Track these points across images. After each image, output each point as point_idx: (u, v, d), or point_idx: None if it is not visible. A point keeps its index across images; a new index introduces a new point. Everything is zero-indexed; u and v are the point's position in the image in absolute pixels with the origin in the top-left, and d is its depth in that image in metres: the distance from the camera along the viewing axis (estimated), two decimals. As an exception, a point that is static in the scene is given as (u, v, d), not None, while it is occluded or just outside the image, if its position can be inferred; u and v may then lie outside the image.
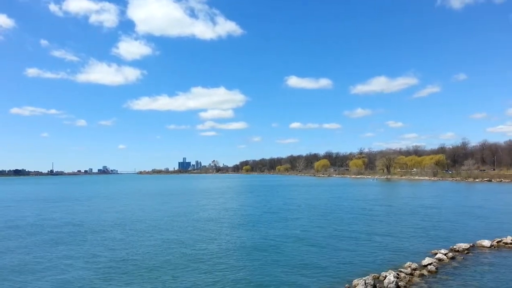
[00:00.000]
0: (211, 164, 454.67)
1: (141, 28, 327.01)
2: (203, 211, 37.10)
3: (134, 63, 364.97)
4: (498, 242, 19.50)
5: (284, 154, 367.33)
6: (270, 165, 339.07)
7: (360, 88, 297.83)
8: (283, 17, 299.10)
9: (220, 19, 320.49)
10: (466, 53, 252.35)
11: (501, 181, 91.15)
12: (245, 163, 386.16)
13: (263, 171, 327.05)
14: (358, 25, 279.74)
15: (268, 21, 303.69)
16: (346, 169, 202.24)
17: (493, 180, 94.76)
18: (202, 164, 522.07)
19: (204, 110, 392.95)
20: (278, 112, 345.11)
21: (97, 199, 56.43)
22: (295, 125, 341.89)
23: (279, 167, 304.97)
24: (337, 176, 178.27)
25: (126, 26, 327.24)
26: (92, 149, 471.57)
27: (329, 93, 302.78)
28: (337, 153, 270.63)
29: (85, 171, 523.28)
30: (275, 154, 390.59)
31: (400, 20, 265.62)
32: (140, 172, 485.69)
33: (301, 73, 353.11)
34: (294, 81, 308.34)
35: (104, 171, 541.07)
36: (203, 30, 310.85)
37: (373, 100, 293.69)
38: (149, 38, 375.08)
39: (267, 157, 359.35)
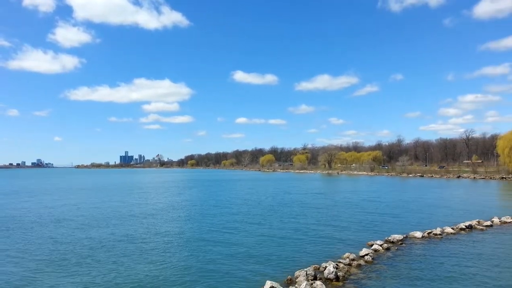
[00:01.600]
0: (155, 158, 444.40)
1: (79, 14, 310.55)
2: (144, 206, 36.02)
3: (72, 51, 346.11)
4: (428, 233, 20.81)
5: (230, 148, 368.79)
6: (215, 160, 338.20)
7: (305, 85, 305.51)
8: (231, 12, 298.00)
9: (166, 9, 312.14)
10: (403, 54, 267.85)
11: (432, 176, 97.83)
12: (191, 157, 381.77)
13: (208, 166, 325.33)
14: (304, 24, 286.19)
15: (216, 15, 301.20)
16: (290, 164, 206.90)
17: (424, 175, 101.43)
18: (146, 158, 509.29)
19: (148, 102, 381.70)
20: (224, 106, 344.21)
21: (23, 194, 52.76)
22: (241, 120, 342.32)
23: (224, 161, 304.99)
24: (281, 171, 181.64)
25: (64, 12, 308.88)
26: (26, 141, 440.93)
27: (274, 89, 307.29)
28: (282, 149, 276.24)
29: (18, 164, 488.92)
30: (220, 149, 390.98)
31: (343, 21, 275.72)
32: (78, 166, 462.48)
33: (247, 68, 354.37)
34: (240, 76, 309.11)
35: (38, 165, 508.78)
36: (147, 19, 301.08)
37: (316, 97, 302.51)
38: (89, 25, 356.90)
39: (213, 151, 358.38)
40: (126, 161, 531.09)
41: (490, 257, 16.47)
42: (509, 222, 24.56)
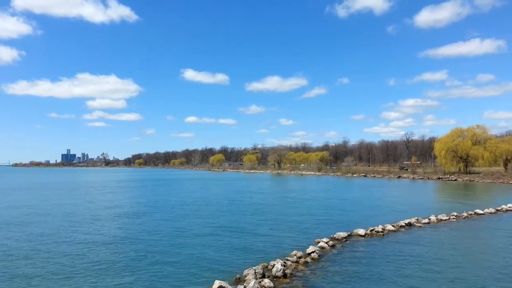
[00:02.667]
0: (100, 157, 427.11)
1: (18, 3, 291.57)
2: (84, 208, 34.47)
3: (11, 42, 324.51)
4: (371, 230, 21.72)
5: (179, 148, 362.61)
6: (164, 159, 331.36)
7: (255, 86, 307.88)
8: (182, 9, 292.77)
9: (113, 2, 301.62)
10: (349, 59, 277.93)
11: (375, 176, 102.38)
12: (138, 156, 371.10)
13: (157, 165, 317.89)
14: (255, 25, 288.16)
15: (166, 11, 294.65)
16: (241, 164, 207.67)
17: (368, 175, 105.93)
18: (90, 157, 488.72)
19: (92, 98, 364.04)
20: (173, 105, 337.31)
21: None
22: (191, 119, 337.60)
23: (174, 161, 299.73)
24: (231, 170, 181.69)
25: (0, 0, 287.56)
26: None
27: (225, 88, 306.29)
28: (232, 148, 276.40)
29: None
30: (170, 148, 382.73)
31: (293, 24, 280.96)
32: (16, 164, 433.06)
33: (198, 66, 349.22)
34: (190, 74, 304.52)
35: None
36: (92, 12, 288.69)
37: (267, 98, 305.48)
38: (29, 16, 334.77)
39: (162, 150, 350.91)
40: (68, 159, 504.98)
41: (427, 252, 17.51)
42: (445, 220, 26.24)
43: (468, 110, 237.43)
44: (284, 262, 14.61)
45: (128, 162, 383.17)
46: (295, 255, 15.99)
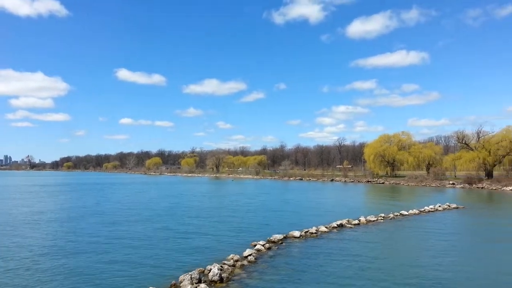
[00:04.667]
0: (24, 160, 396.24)
1: None
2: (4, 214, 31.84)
3: None
4: (305, 232, 22.42)
5: (113, 151, 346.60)
6: (96, 162, 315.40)
7: (193, 88, 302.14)
8: (116, 6, 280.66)
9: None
10: (286, 65, 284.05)
11: (310, 179, 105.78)
12: (67, 159, 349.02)
13: (88, 169, 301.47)
14: (193, 27, 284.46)
15: (98, 6, 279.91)
16: (178, 168, 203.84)
17: (303, 178, 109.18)
18: (13, 160, 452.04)
19: (16, 97, 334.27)
20: (106, 105, 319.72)
21: None
22: (125, 120, 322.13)
23: (106, 164, 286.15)
24: (168, 174, 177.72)
25: None
26: None
27: (162, 90, 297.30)
28: (170, 152, 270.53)
29: None
30: (102, 151, 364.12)
31: (231, 28, 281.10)
32: None
33: (132, 66, 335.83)
34: (124, 74, 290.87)
35: None
36: (17, 4, 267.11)
37: (205, 101, 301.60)
38: None
39: (93, 153, 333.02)
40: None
41: (357, 251, 18.46)
42: (373, 221, 27.80)
43: (395, 118, 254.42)
44: (221, 266, 14.58)
45: (55, 165, 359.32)
46: (232, 258, 16.03)
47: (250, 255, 16.62)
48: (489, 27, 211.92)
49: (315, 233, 22.59)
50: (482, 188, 65.51)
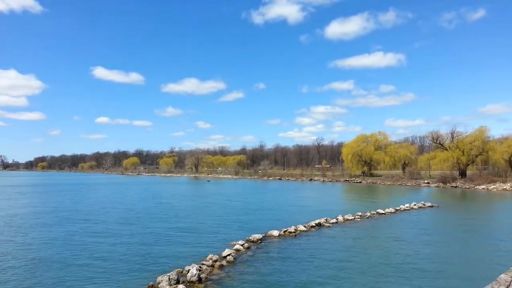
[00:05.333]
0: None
1: None
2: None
3: None
4: (284, 231, 22.55)
5: (89, 150, 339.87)
6: (72, 162, 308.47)
7: (172, 87, 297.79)
8: (92, 3, 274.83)
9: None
10: (265, 65, 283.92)
11: (289, 179, 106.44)
12: (41, 159, 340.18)
13: (63, 169, 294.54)
14: (172, 25, 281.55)
15: (74, 3, 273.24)
16: (157, 168, 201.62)
17: (282, 178, 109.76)
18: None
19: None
20: (82, 104, 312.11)
21: None
22: (102, 119, 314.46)
23: (82, 164, 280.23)
24: (147, 174, 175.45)
25: None
26: None
27: (140, 89, 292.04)
28: (148, 151, 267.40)
29: None
30: (78, 150, 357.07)
31: (210, 27, 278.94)
32: None
33: (109, 64, 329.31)
34: (101, 72, 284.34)
35: None
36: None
37: (184, 100, 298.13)
38: None
39: (69, 153, 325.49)
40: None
41: (335, 249, 18.70)
42: (351, 219, 28.21)
43: (372, 118, 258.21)
44: (200, 267, 14.51)
45: (30, 165, 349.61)
46: (211, 259, 15.97)
47: (229, 255, 16.60)
48: (463, 30, 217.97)
49: (294, 232, 22.75)
50: (456, 187, 67.37)
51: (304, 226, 24.19)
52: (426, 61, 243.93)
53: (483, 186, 63.58)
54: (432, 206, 37.09)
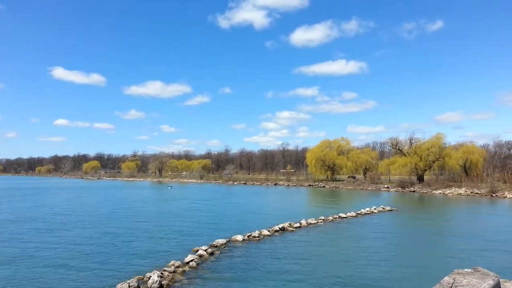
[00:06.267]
0: None
1: None
2: None
3: None
4: (248, 236, 22.59)
5: (47, 153, 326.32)
6: (28, 166, 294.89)
7: (135, 90, 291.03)
8: (52, 1, 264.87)
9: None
10: (231, 69, 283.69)
11: (254, 184, 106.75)
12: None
13: (19, 172, 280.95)
14: (135, 27, 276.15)
15: (33, 1, 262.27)
16: (118, 172, 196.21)
17: (247, 183, 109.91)
18: None
19: None
20: (40, 105, 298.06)
21: None
22: (61, 122, 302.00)
23: (39, 168, 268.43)
24: (108, 178, 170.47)
25: None
26: None
27: (101, 90, 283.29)
28: (109, 155, 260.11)
29: None
30: (35, 153, 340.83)
31: (175, 29, 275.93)
32: None
33: (69, 65, 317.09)
34: (60, 73, 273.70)
35: None
36: None
37: (147, 103, 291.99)
38: None
39: (25, 156, 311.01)
40: None
41: (298, 253, 18.93)
42: (314, 223, 28.67)
43: (335, 124, 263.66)
44: (161, 273, 14.25)
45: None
46: (173, 265, 15.73)
47: (191, 260, 16.40)
48: (421, 40, 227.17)
49: (258, 236, 22.82)
50: (414, 191, 69.99)
51: (268, 231, 24.32)
52: (386, 70, 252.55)
53: (439, 191, 66.44)
54: (391, 210, 38.35)
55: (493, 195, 57.58)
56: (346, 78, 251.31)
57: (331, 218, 31.25)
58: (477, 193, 60.83)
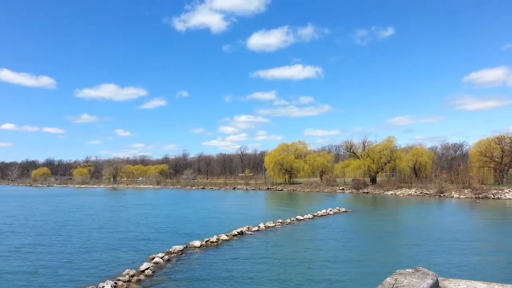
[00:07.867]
0: None
1: None
2: None
3: None
4: (206, 241, 22.42)
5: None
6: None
7: (88, 93, 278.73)
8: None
9: None
10: (188, 72, 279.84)
11: (212, 188, 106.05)
12: None
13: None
14: (87, 27, 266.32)
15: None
16: (70, 178, 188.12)
17: (206, 187, 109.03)
18: None
19: None
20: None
21: None
22: (7, 126, 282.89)
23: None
24: (58, 186, 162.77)
25: None
26: None
27: (51, 93, 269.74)
28: (60, 161, 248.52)
29: None
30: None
31: (129, 31, 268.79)
32: None
33: (16, 66, 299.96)
34: (7, 75, 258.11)
35: None
36: None
37: (101, 107, 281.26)
38: None
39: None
40: None
41: (256, 256, 19.05)
42: (272, 226, 28.93)
43: (292, 128, 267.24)
44: (115, 283, 13.85)
45: None
46: (128, 274, 15.31)
47: (147, 268, 16.04)
48: (374, 47, 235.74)
49: (216, 241, 22.70)
50: (367, 193, 72.50)
51: (226, 235, 24.26)
52: (341, 75, 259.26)
53: (391, 192, 69.24)
54: (346, 211, 39.50)
55: (441, 195, 60.82)
56: (302, 83, 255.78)
57: (288, 220, 31.69)
58: (426, 193, 63.99)
